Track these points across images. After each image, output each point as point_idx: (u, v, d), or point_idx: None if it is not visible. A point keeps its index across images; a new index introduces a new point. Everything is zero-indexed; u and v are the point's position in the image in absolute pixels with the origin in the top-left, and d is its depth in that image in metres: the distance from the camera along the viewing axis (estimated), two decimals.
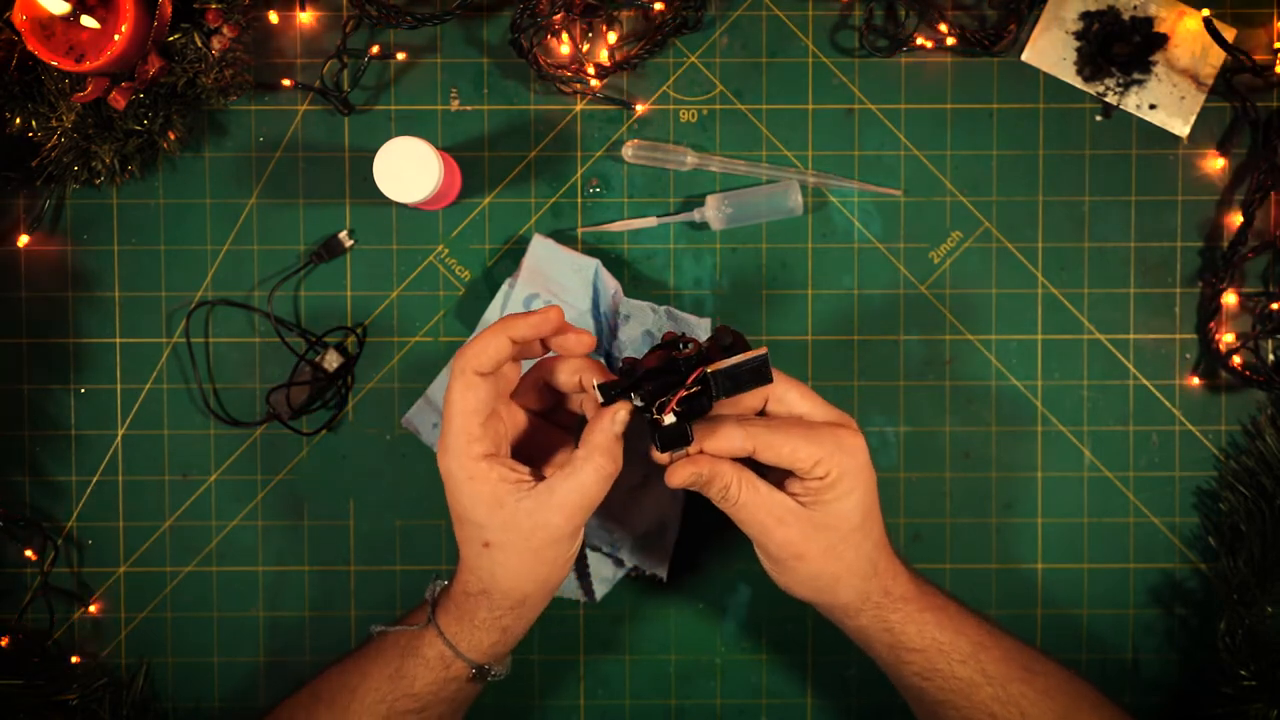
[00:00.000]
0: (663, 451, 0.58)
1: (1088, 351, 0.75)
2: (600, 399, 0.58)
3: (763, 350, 0.57)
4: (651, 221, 0.74)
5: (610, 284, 0.73)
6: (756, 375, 0.57)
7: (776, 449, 0.59)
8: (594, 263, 0.73)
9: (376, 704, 0.63)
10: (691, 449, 0.59)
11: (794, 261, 0.75)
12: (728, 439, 0.59)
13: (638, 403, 0.58)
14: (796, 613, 0.76)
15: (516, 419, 0.63)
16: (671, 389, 0.57)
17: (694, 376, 0.57)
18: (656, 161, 0.74)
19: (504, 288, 0.74)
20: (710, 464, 0.59)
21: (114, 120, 0.70)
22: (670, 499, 0.73)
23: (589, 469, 0.58)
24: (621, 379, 0.59)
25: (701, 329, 0.73)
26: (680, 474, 0.59)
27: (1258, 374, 0.74)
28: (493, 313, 0.74)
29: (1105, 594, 0.75)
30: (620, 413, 0.59)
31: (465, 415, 0.59)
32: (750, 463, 0.60)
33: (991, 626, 0.65)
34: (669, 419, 0.57)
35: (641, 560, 0.73)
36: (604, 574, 0.74)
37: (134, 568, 0.76)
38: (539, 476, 0.60)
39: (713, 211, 0.73)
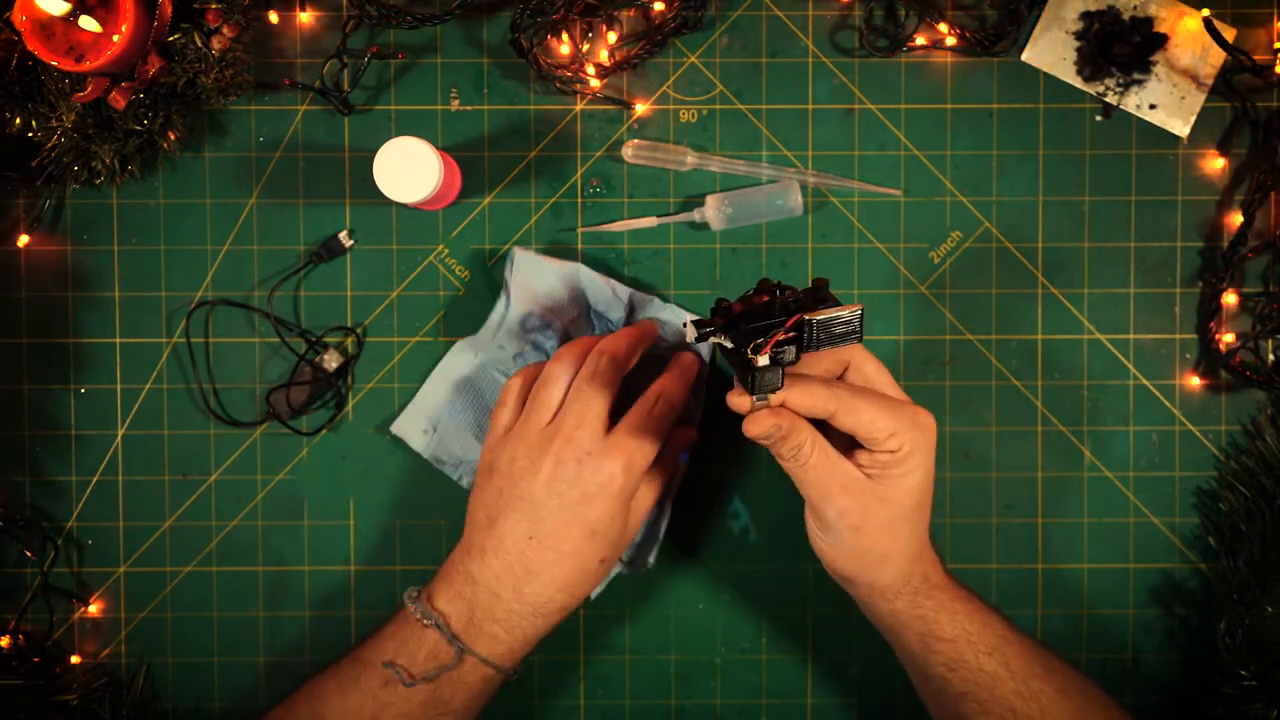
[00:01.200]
0: (755, 394, 0.58)
1: (1088, 351, 0.75)
2: (694, 334, 0.58)
3: (858, 306, 0.57)
4: (651, 221, 0.74)
5: (602, 282, 0.73)
6: (850, 330, 0.57)
7: (857, 415, 0.59)
8: (576, 267, 0.73)
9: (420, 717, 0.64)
10: (775, 399, 0.59)
11: (794, 261, 0.75)
12: (814, 396, 0.59)
13: (728, 343, 0.57)
14: (797, 613, 0.76)
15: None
16: (767, 332, 0.56)
17: (792, 321, 0.56)
18: (656, 161, 0.74)
19: (498, 307, 0.73)
20: (790, 418, 0.59)
21: (114, 120, 0.70)
22: (667, 490, 0.73)
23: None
24: (716, 317, 0.58)
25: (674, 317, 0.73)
26: (762, 423, 0.58)
27: (1258, 374, 0.74)
28: (486, 333, 0.74)
29: (1105, 594, 0.75)
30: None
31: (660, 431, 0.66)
32: (818, 428, 0.61)
33: (1011, 623, 0.65)
34: (763, 360, 0.57)
35: (634, 556, 0.73)
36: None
37: (134, 568, 0.76)
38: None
39: (713, 211, 0.73)
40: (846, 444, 0.61)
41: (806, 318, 0.56)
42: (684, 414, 0.71)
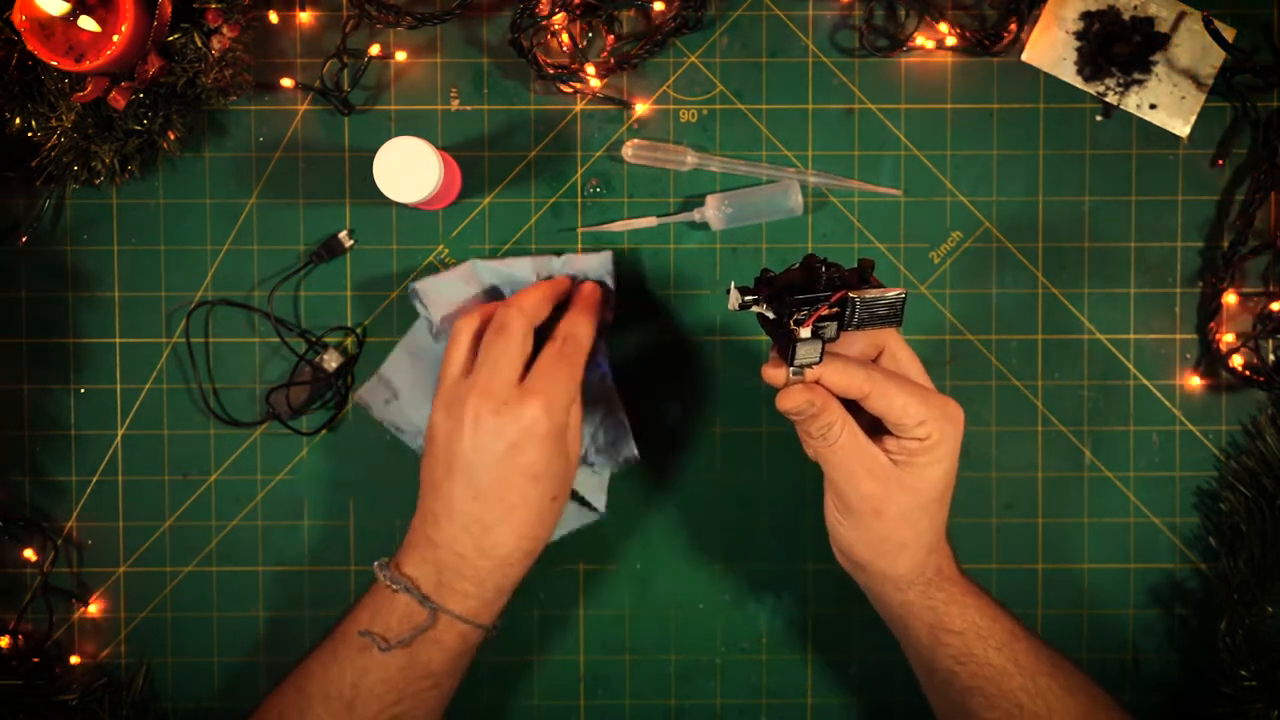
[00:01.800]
0: (792, 365, 0.58)
1: (1088, 351, 0.75)
2: (737, 300, 0.58)
3: (902, 290, 0.57)
4: (651, 221, 0.74)
5: (499, 265, 0.72)
6: (891, 313, 0.57)
7: (890, 398, 0.59)
8: (470, 263, 0.72)
9: (385, 693, 0.63)
10: (811, 375, 0.59)
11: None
12: (850, 375, 0.59)
13: (769, 314, 0.58)
14: (797, 613, 0.76)
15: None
16: (812, 305, 0.56)
17: (837, 296, 0.56)
18: (657, 161, 0.74)
19: (421, 338, 0.73)
20: (824, 396, 0.59)
21: (114, 120, 0.70)
22: (603, 391, 0.73)
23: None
24: (761, 286, 0.59)
25: (600, 265, 0.73)
26: (796, 398, 0.58)
27: (1258, 374, 0.74)
28: (400, 356, 0.74)
29: (1105, 594, 0.75)
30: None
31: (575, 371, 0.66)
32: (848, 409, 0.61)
33: (1019, 620, 0.65)
34: (805, 333, 0.57)
35: (610, 455, 0.73)
36: (589, 485, 0.74)
37: (134, 568, 0.76)
38: None
39: (713, 211, 0.73)
40: (871, 428, 0.61)
41: (852, 295, 0.56)
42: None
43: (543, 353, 0.66)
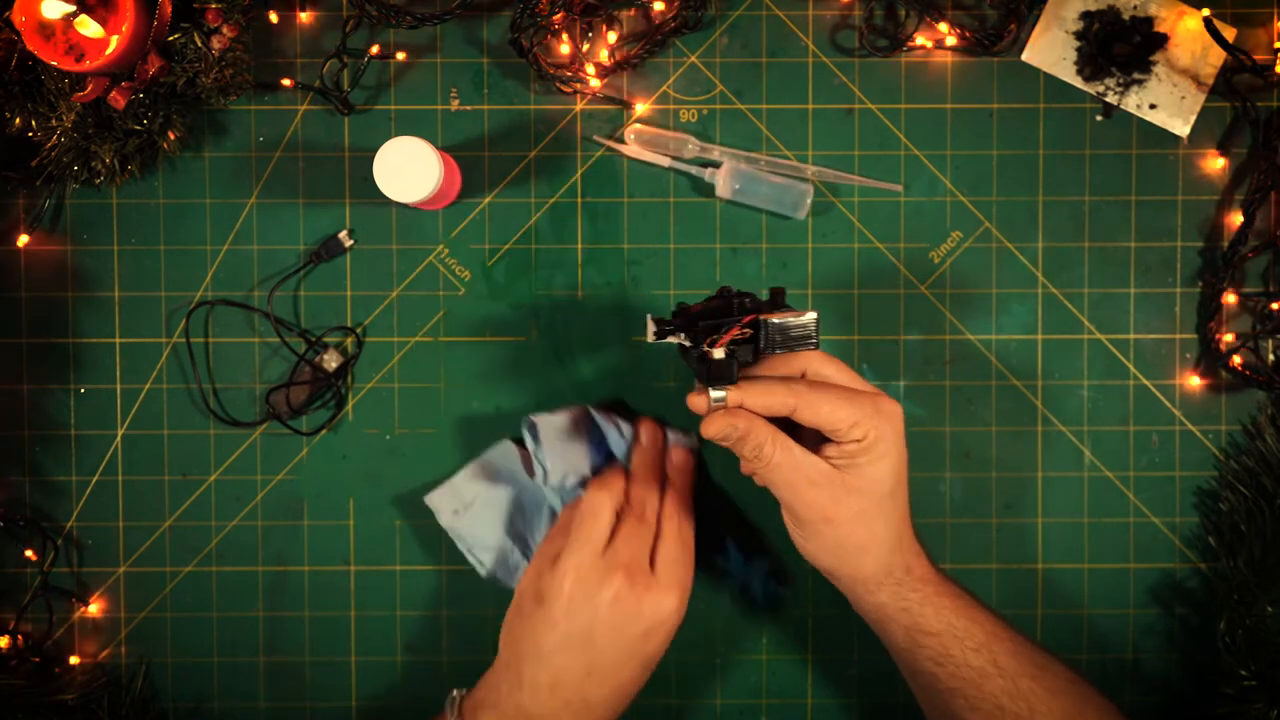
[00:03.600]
0: (709, 384, 0.60)
1: (1088, 351, 0.75)
2: (653, 330, 0.60)
3: (813, 314, 0.59)
4: (664, 160, 0.74)
5: (607, 422, 0.72)
6: (805, 337, 0.59)
7: (816, 408, 0.60)
8: (585, 410, 0.73)
9: None
10: (733, 400, 0.60)
11: (794, 261, 0.75)
12: (770, 393, 0.60)
13: (686, 342, 0.60)
14: (797, 613, 0.76)
15: None
16: (721, 329, 0.59)
17: (749, 319, 0.59)
18: (659, 149, 0.74)
19: (539, 481, 0.72)
20: (747, 419, 0.60)
21: (114, 120, 0.70)
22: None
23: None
24: (676, 317, 0.61)
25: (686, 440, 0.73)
26: (716, 424, 0.60)
27: (1258, 374, 0.74)
28: (476, 470, 0.73)
29: (1105, 594, 0.75)
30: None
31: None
32: (786, 426, 0.61)
33: (1002, 621, 0.65)
34: (719, 353, 0.59)
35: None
36: None
37: (134, 568, 0.76)
38: None
39: (723, 179, 0.73)
40: (816, 441, 0.62)
41: (762, 318, 0.59)
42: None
43: (667, 541, 0.66)
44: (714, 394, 0.60)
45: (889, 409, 0.61)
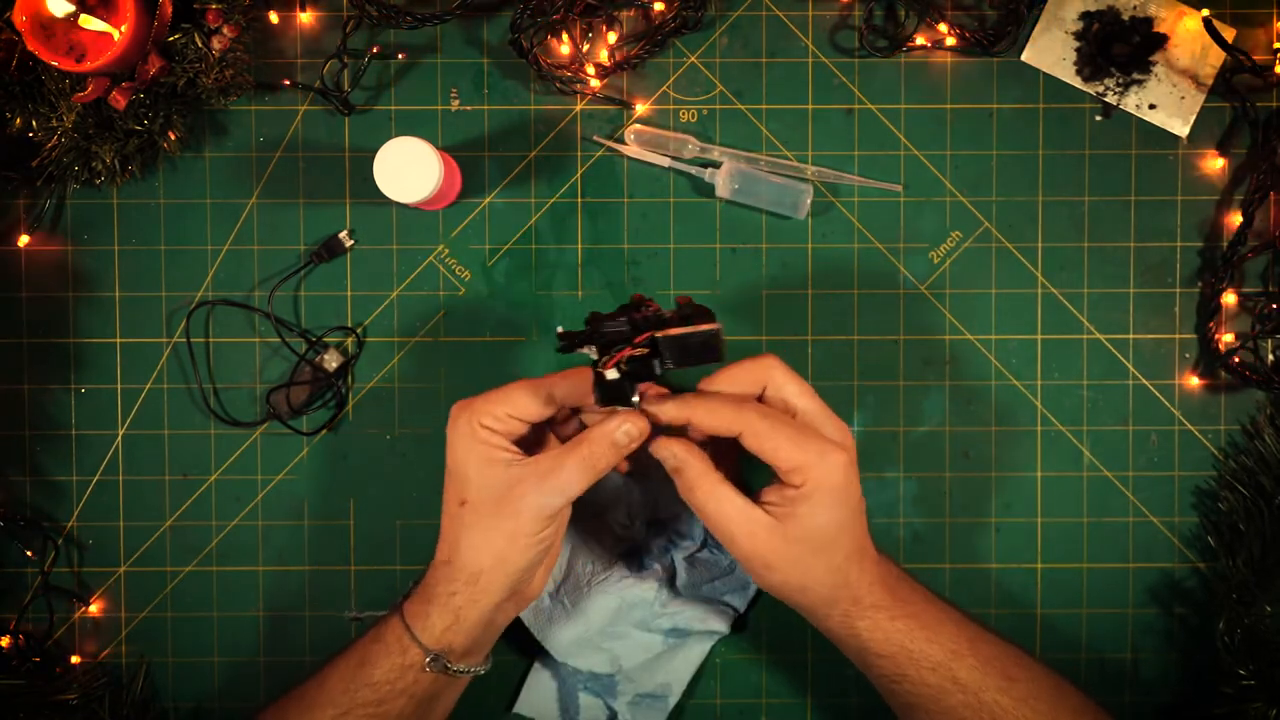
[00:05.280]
0: (602, 404, 0.59)
1: (1088, 351, 0.75)
2: (559, 344, 0.60)
3: (715, 325, 0.57)
4: (664, 160, 0.74)
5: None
6: (705, 349, 0.57)
7: (761, 439, 0.58)
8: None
9: (340, 694, 0.62)
10: (677, 416, 0.59)
11: (794, 261, 0.75)
12: (715, 414, 0.59)
13: (592, 355, 0.59)
14: (796, 614, 0.75)
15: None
16: (617, 349, 0.57)
17: (642, 338, 0.57)
18: (659, 149, 0.74)
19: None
20: (685, 450, 0.59)
21: (114, 120, 0.70)
22: (687, 668, 0.73)
23: (576, 455, 0.59)
24: (584, 331, 0.60)
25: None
26: (659, 448, 0.60)
27: (1257, 374, 0.74)
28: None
29: (1104, 594, 0.75)
30: (627, 424, 0.59)
31: (507, 402, 0.61)
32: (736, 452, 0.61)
33: (975, 632, 0.64)
34: (611, 373, 0.57)
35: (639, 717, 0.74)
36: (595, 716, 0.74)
37: (134, 568, 0.76)
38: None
39: (723, 178, 0.73)
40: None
41: (658, 335, 0.56)
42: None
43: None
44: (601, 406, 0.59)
45: (835, 459, 0.58)
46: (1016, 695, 0.63)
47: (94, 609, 0.76)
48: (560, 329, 0.59)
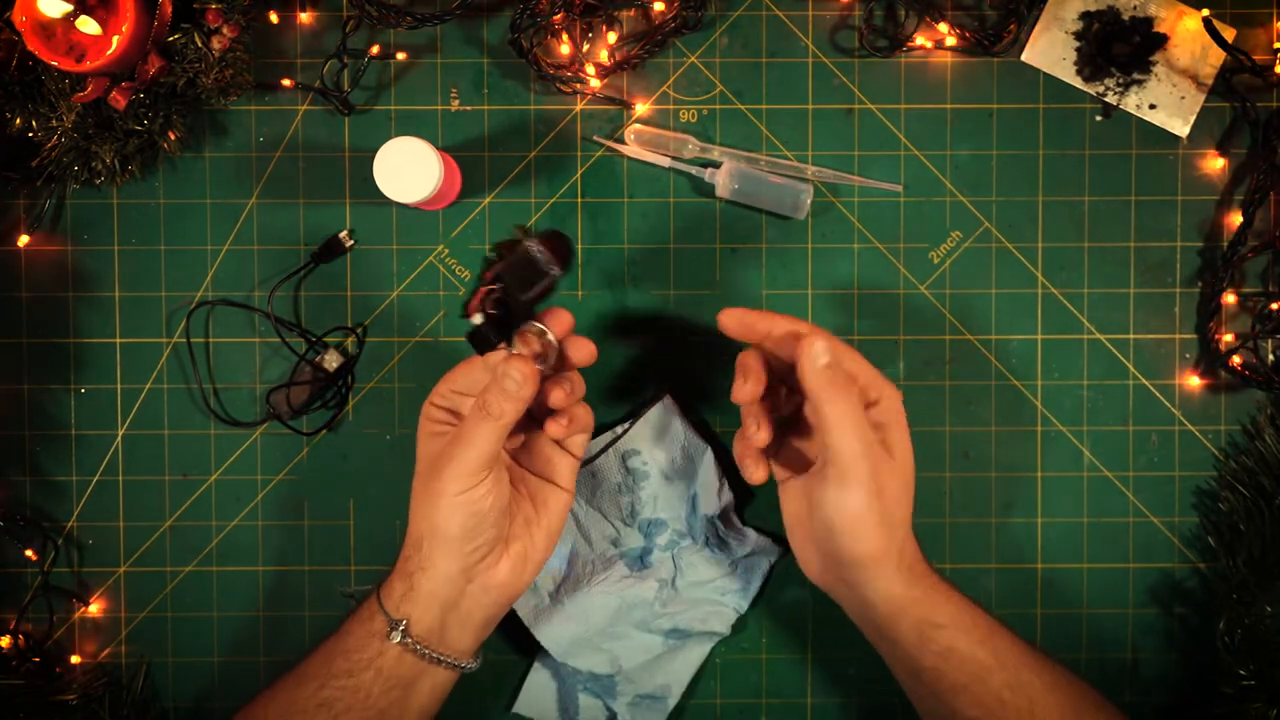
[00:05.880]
0: (481, 354, 0.62)
1: (1088, 351, 0.75)
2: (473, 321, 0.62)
3: (534, 241, 0.61)
4: (664, 160, 0.74)
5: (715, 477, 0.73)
6: (532, 265, 0.60)
7: (842, 352, 0.62)
8: (706, 448, 0.73)
9: (321, 665, 0.63)
10: (748, 319, 0.63)
11: (794, 261, 0.75)
12: (798, 324, 0.63)
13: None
14: (797, 613, 0.76)
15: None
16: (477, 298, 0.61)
17: (490, 275, 0.61)
18: (659, 149, 0.74)
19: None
20: (838, 345, 0.62)
21: (114, 120, 0.70)
22: (687, 669, 0.73)
23: (473, 408, 0.61)
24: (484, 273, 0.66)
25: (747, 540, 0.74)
26: (805, 342, 0.61)
27: (1257, 374, 0.74)
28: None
29: (1105, 594, 0.75)
30: (502, 366, 0.61)
31: (450, 379, 0.65)
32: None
33: (996, 618, 0.65)
34: (477, 319, 0.60)
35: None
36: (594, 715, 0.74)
37: (134, 568, 0.76)
38: None
39: (723, 178, 0.73)
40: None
41: (498, 270, 0.60)
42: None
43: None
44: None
45: (897, 394, 0.64)
46: (1047, 681, 0.63)
47: (94, 609, 0.76)
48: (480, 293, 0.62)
